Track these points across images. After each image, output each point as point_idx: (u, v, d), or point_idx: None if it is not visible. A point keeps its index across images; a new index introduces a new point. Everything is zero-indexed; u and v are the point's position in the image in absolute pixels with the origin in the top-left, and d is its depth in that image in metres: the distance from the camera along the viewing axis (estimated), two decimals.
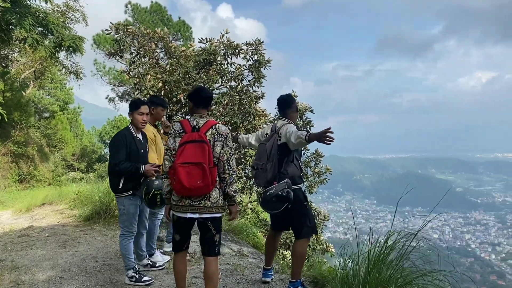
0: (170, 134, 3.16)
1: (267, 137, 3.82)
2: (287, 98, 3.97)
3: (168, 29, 18.24)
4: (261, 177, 3.63)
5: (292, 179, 3.66)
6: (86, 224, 6.48)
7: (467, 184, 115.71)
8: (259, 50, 6.97)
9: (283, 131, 3.70)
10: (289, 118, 3.90)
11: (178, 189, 2.95)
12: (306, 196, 3.93)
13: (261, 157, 3.68)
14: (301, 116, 7.65)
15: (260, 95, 7.21)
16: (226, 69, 7.12)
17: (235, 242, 5.00)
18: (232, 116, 6.78)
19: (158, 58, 7.60)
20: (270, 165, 3.59)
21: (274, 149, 3.65)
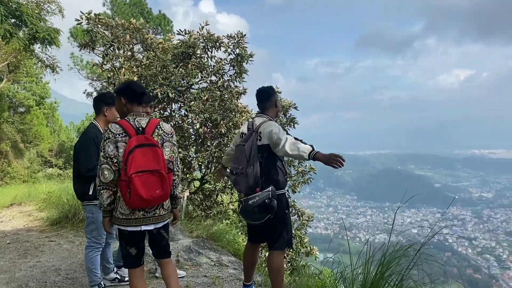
0: (108, 138, 2.67)
1: (245, 137, 3.41)
2: (266, 90, 3.54)
3: (148, 23, 17.45)
4: (241, 183, 3.24)
5: (276, 183, 3.32)
6: (53, 229, 6.00)
7: (445, 180, 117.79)
8: (241, 44, 6.61)
9: (263, 131, 3.32)
10: (268, 114, 3.50)
11: (135, 202, 2.59)
12: (289, 202, 3.55)
13: (240, 160, 3.30)
14: (284, 113, 7.34)
15: (242, 90, 6.86)
16: (206, 63, 6.75)
17: (214, 250, 4.63)
18: (212, 112, 6.43)
19: (133, 51, 7.18)
20: (251, 169, 3.21)
21: (253, 151, 3.27)
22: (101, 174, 2.64)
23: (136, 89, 2.82)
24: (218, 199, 7.31)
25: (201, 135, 6.73)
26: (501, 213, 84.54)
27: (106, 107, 3.65)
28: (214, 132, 6.68)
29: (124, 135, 2.66)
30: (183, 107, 6.63)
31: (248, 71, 6.73)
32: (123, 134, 2.66)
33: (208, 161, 6.96)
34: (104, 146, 2.67)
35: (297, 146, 3.12)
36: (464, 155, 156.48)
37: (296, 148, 3.11)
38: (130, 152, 2.58)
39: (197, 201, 7.41)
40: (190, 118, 6.88)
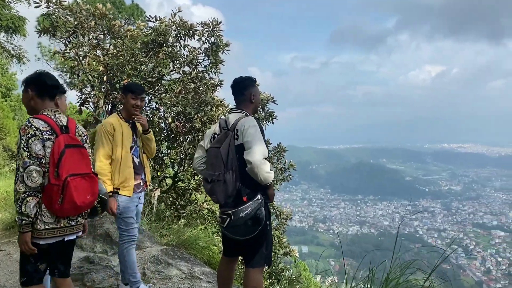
0: (35, 135, 2.30)
1: (218, 138, 2.92)
2: (242, 81, 3.07)
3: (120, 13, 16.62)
4: (219, 191, 2.77)
5: (256, 189, 2.84)
6: (6, 235, 5.29)
7: (415, 174, 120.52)
8: (216, 32, 6.16)
9: (240, 128, 2.85)
10: (245, 109, 3.03)
11: (67, 210, 2.29)
12: (270, 213, 3.08)
13: (215, 165, 2.81)
14: (263, 107, 6.95)
15: (217, 82, 6.41)
16: (178, 52, 6.27)
17: (186, 259, 4.16)
18: (186, 105, 5.97)
19: (99, 39, 6.62)
20: (230, 174, 2.76)
21: (231, 152, 2.80)
22: (28, 177, 2.24)
23: (46, 81, 2.46)
24: (192, 197, 6.88)
25: (174, 130, 6.27)
26: (469, 205, 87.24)
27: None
28: (187, 127, 6.23)
29: (51, 132, 2.34)
30: (154, 99, 6.15)
31: (225, 62, 6.29)
32: (50, 132, 2.34)
33: (181, 158, 6.51)
34: (29, 144, 2.27)
35: (263, 166, 2.72)
36: (434, 149, 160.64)
37: (261, 167, 2.72)
38: (61, 153, 2.27)
39: (169, 200, 6.95)
40: (161, 112, 6.43)
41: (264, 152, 2.79)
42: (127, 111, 3.50)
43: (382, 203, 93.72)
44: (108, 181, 3.27)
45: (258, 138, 2.80)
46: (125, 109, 3.50)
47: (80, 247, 4.19)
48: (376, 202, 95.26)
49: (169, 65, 6.12)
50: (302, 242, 72.49)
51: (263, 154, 2.77)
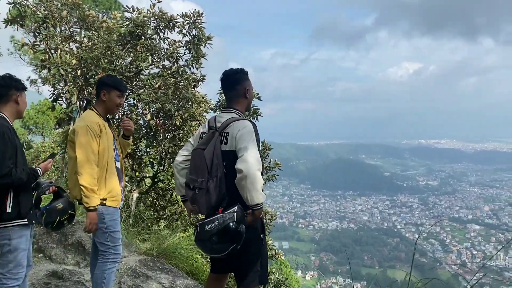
0: None
1: (205, 138, 2.59)
2: (233, 73, 2.70)
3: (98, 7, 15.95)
4: (200, 201, 2.44)
5: None
6: None
7: (394, 169, 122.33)
8: (198, 24, 5.83)
9: (232, 131, 2.51)
10: (236, 108, 2.66)
11: None
12: (264, 225, 2.72)
13: (199, 169, 2.48)
14: None
15: (199, 77, 6.09)
16: (157, 45, 5.92)
17: (167, 271, 3.81)
18: (166, 102, 5.64)
19: (72, 30, 6.21)
20: (213, 182, 2.43)
21: (217, 157, 2.47)
22: None
23: None
24: (173, 198, 6.56)
25: (153, 128, 5.93)
26: (445, 200, 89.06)
27: (17, 92, 2.81)
28: (167, 124, 5.90)
29: None
30: (131, 95, 5.79)
31: (207, 55, 5.97)
32: None
33: (161, 157, 6.17)
34: None
35: (255, 181, 2.37)
36: (411, 145, 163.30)
37: (253, 181, 2.36)
38: None
39: (148, 200, 6.62)
40: (139, 108, 6.07)
41: (259, 163, 2.44)
42: (107, 110, 3.10)
43: (361, 198, 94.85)
44: (97, 193, 2.87)
45: (253, 145, 2.46)
46: (103, 107, 3.07)
47: (49, 258, 3.80)
48: (356, 198, 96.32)
49: (148, 59, 5.76)
50: (283, 238, 72.64)
51: (258, 165, 2.42)
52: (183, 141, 5.78)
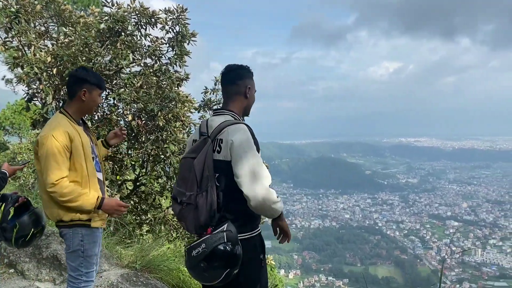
0: None
1: (195, 146, 2.26)
2: (234, 69, 2.37)
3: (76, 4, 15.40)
4: (189, 218, 2.14)
5: (242, 220, 2.18)
6: None
7: (375, 167, 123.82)
8: (181, 20, 5.56)
9: (226, 138, 2.16)
10: (233, 110, 2.31)
11: None
12: (264, 244, 2.36)
13: (187, 181, 2.17)
14: None
15: (183, 76, 5.82)
16: (139, 42, 5.62)
17: (151, 286, 3.48)
18: (148, 101, 5.35)
19: (47, 26, 5.87)
20: (203, 197, 2.11)
21: (208, 168, 2.14)
22: None
23: None
24: (156, 202, 6.27)
25: (134, 129, 5.63)
26: (425, 197, 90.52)
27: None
28: (150, 125, 5.61)
29: None
30: (111, 95, 5.47)
31: (191, 53, 5.70)
32: None
33: (143, 160, 5.88)
34: None
35: (271, 204, 2.07)
36: (392, 143, 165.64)
37: (268, 202, 2.06)
38: None
39: (131, 205, 6.31)
40: (120, 109, 5.75)
41: (268, 177, 2.11)
42: (85, 111, 2.69)
43: (343, 197, 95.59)
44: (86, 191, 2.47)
45: (252, 156, 2.11)
46: (80, 108, 2.61)
47: (21, 273, 3.46)
48: (337, 196, 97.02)
49: (129, 57, 5.46)
50: (265, 237, 71.56)
51: (267, 181, 2.09)
52: (166, 143, 5.51)
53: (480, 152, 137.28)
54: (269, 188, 2.10)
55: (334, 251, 68.04)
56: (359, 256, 66.46)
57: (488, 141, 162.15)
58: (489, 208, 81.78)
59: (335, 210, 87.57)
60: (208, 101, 6.48)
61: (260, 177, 2.08)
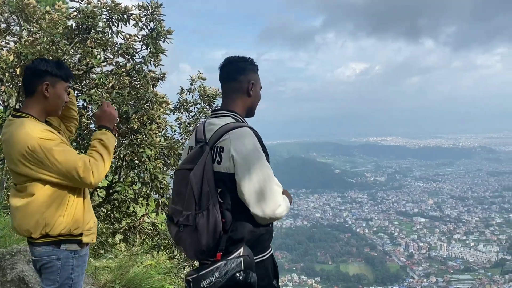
0: None
1: (191, 155, 1.93)
2: (239, 60, 2.06)
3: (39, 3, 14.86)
4: (187, 242, 1.81)
5: (251, 242, 1.87)
6: None
7: (344, 166, 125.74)
8: (156, 16, 5.25)
9: (229, 148, 1.84)
10: (235, 110, 2.01)
11: None
12: (277, 267, 2.04)
13: (182, 198, 1.85)
14: (210, 103, 6.17)
15: (159, 75, 5.51)
16: (110, 40, 5.27)
17: None
18: (121, 103, 5.02)
19: (9, 22, 5.43)
20: (204, 217, 1.78)
21: (208, 182, 1.82)
22: None
23: None
24: (130, 210, 5.93)
25: None
26: (393, 195, 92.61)
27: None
28: (123, 128, 5.27)
29: None
30: (81, 96, 5.10)
31: (167, 51, 5.39)
32: None
33: (116, 166, 5.53)
34: None
35: (280, 214, 1.84)
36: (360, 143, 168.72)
37: (279, 216, 1.83)
38: None
39: (103, 213, 5.93)
40: (90, 111, 5.37)
41: (278, 191, 1.87)
42: (49, 112, 2.24)
43: (314, 196, 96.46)
44: None
45: (260, 167, 1.82)
46: (43, 108, 2.18)
47: None
48: (308, 195, 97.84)
49: (100, 55, 5.11)
50: None
51: (278, 197, 1.85)
52: (141, 147, 5.18)
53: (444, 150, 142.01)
54: (280, 203, 1.84)
55: (305, 250, 68.51)
56: (330, 254, 67.19)
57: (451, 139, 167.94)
58: (453, 204, 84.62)
59: (306, 209, 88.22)
60: (184, 102, 6.20)
61: (270, 194, 1.82)
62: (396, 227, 75.90)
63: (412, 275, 61.10)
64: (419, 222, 76.47)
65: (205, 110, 6.16)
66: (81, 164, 2.02)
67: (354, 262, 63.51)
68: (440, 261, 64.80)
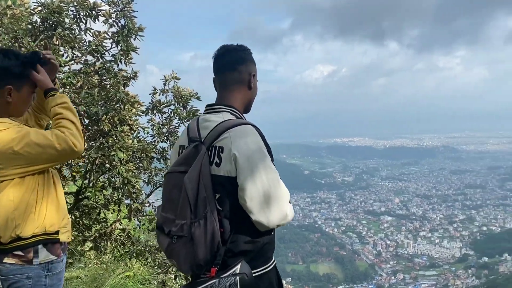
0: None
1: (183, 156, 1.71)
2: (237, 49, 1.83)
3: None
4: (181, 254, 1.60)
5: (253, 253, 1.69)
6: None
7: (313, 167, 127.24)
8: (127, 12, 5.00)
9: (229, 147, 1.64)
10: (234, 105, 1.80)
11: None
12: (281, 280, 1.88)
13: (174, 205, 1.64)
14: (184, 104, 5.96)
15: (130, 74, 5.25)
16: (78, 37, 4.98)
17: None
18: (90, 104, 4.74)
19: None
20: (202, 226, 1.57)
21: (205, 187, 1.61)
22: None
23: None
24: (101, 216, 5.63)
25: None
26: (360, 194, 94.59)
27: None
28: (93, 130, 4.99)
29: None
30: None
31: (138, 49, 5.15)
32: None
33: (86, 170, 5.23)
34: None
35: (287, 220, 1.70)
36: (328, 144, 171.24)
37: (285, 222, 1.69)
38: None
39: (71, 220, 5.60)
40: None
41: (286, 195, 1.71)
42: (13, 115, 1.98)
43: None
44: None
45: (265, 170, 1.64)
46: (6, 113, 1.95)
47: None
48: None
49: (67, 53, 4.82)
50: None
51: (286, 202, 1.69)
52: (113, 150, 4.91)
53: (409, 150, 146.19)
54: (287, 210, 1.68)
55: (276, 251, 66.99)
56: (300, 255, 67.70)
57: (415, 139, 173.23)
58: (418, 202, 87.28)
59: None
60: (157, 103, 5.95)
61: (276, 199, 1.64)
62: (364, 226, 77.49)
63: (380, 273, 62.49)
64: (386, 221, 78.36)
65: (179, 111, 5.94)
66: (54, 138, 1.82)
67: (324, 262, 64.27)
68: (407, 258, 66.61)
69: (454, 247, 68.10)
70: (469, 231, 72.96)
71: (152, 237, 6.54)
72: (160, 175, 5.91)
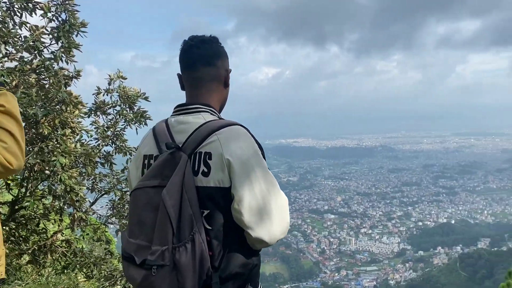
0: None
1: (155, 167, 1.39)
2: (212, 41, 1.56)
3: None
4: (163, 287, 1.28)
5: (247, 278, 1.47)
6: None
7: None
8: (68, 6, 4.62)
9: (217, 152, 1.38)
10: (212, 105, 1.53)
11: None
12: None
13: (147, 229, 1.34)
14: (131, 105, 5.63)
15: (73, 73, 4.86)
16: (13, 32, 4.53)
17: None
18: (28, 105, 4.32)
19: None
20: (188, 251, 1.28)
21: (190, 203, 1.32)
22: None
23: None
24: (40, 226, 5.16)
25: None
26: (305, 194, 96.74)
27: None
28: (30, 134, 4.56)
29: None
30: None
31: (81, 46, 4.77)
32: None
33: (23, 177, 4.77)
34: None
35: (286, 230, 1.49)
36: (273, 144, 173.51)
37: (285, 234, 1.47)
38: None
39: (5, 232, 5.09)
40: None
41: (285, 203, 1.49)
42: None
43: None
44: None
45: (263, 176, 1.41)
46: None
47: None
48: None
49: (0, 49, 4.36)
50: None
51: (286, 211, 1.47)
52: (53, 155, 4.51)
53: (349, 149, 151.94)
54: (288, 220, 1.48)
55: None
56: None
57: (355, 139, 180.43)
58: (359, 200, 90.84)
59: None
60: (101, 104, 5.58)
61: (276, 210, 1.42)
62: (308, 225, 79.32)
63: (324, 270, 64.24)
64: (330, 219, 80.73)
65: (125, 112, 5.61)
66: None
67: (270, 262, 64.90)
68: (349, 255, 69.06)
69: (392, 242, 71.61)
70: (406, 226, 77.14)
71: (97, 247, 6.15)
72: (105, 181, 5.56)
